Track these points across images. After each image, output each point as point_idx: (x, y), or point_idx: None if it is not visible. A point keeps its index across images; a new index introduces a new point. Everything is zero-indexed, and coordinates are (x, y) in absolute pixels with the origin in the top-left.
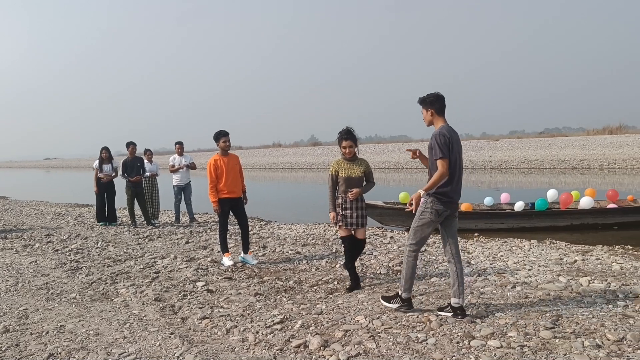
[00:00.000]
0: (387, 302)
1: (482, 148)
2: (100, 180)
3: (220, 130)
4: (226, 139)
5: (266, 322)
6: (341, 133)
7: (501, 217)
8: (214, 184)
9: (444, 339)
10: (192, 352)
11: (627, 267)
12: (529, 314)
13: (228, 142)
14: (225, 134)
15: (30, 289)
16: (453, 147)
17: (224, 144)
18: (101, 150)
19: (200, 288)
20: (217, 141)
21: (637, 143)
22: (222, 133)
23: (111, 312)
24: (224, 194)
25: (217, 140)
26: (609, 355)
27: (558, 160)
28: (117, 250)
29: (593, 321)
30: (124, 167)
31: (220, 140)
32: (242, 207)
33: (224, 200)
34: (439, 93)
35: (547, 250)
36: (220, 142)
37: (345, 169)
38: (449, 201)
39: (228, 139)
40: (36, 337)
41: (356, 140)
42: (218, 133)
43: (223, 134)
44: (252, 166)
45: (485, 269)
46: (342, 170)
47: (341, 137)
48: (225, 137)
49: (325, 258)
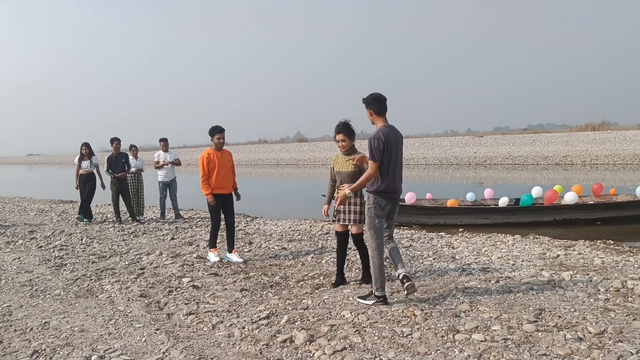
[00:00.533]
0: (363, 300)
1: (466, 144)
2: (81, 177)
3: (216, 126)
4: (221, 135)
5: (252, 317)
6: (337, 126)
7: (485, 213)
8: (205, 177)
9: (429, 333)
10: (178, 347)
11: (608, 261)
12: (513, 308)
13: (222, 139)
14: (221, 130)
15: (14, 286)
16: (390, 149)
17: (218, 140)
18: (81, 147)
19: (186, 284)
20: (212, 137)
21: (619, 139)
22: (217, 129)
23: (96, 309)
24: (214, 190)
25: (212, 135)
26: (591, 347)
27: (542, 156)
28: (101, 246)
29: (575, 314)
30: (108, 163)
31: (215, 136)
32: (232, 204)
33: (215, 195)
34: (377, 94)
35: (530, 245)
36: (214, 138)
37: (340, 163)
38: (389, 196)
39: (223, 136)
40: (20, 333)
41: (352, 133)
42: (213, 129)
43: (218, 130)
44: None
45: (470, 263)
46: (337, 165)
47: (335, 131)
48: (220, 134)
49: (311, 254)
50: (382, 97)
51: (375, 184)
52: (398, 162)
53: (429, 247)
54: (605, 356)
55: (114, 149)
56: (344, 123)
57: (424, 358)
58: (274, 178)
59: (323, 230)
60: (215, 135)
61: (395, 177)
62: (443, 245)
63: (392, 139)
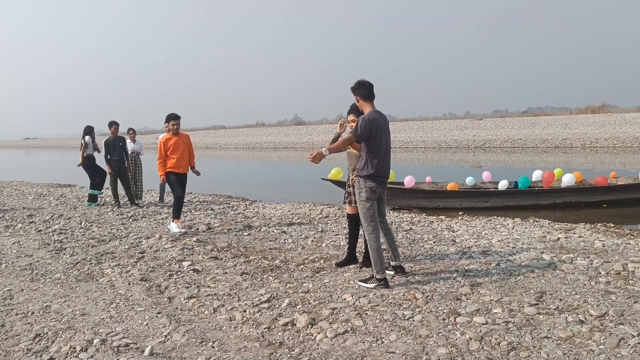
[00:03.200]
0: (364, 283)
1: (465, 127)
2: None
3: (170, 114)
4: (175, 122)
5: (253, 301)
6: (351, 107)
7: (485, 196)
8: (162, 159)
9: (430, 315)
10: (179, 331)
11: (609, 244)
12: (514, 291)
13: (177, 126)
14: (175, 117)
15: (14, 270)
16: (379, 131)
17: (172, 127)
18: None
19: (186, 268)
20: (167, 123)
21: (619, 122)
22: (171, 116)
23: (97, 292)
24: (170, 168)
25: (167, 122)
26: (592, 330)
27: (541, 139)
28: (101, 230)
29: (576, 297)
30: (106, 146)
31: (170, 123)
32: (185, 182)
33: (170, 172)
34: (363, 80)
35: (530, 228)
36: (169, 124)
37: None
38: (379, 179)
39: (177, 123)
40: (22, 317)
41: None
42: (168, 116)
43: (172, 117)
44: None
45: (470, 247)
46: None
47: (348, 111)
48: (175, 121)
49: (310, 237)
50: (367, 83)
51: (366, 168)
52: (388, 147)
53: (429, 230)
54: (606, 339)
55: (111, 132)
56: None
57: (425, 341)
58: (272, 161)
59: (322, 214)
60: (170, 122)
61: (385, 161)
62: (443, 228)
63: (381, 123)
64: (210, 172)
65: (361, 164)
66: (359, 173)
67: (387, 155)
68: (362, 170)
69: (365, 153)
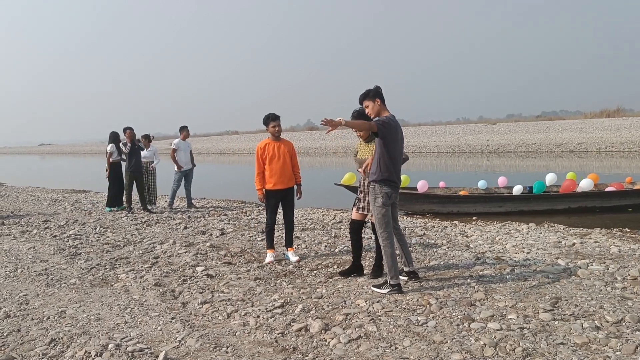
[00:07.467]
0: (378, 289)
1: (479, 132)
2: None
3: (269, 114)
4: (275, 123)
5: (267, 306)
6: (356, 111)
7: (499, 201)
8: (260, 171)
9: (444, 321)
10: (193, 336)
11: (625, 249)
12: (528, 297)
13: (278, 127)
14: (275, 118)
15: (30, 275)
16: (396, 137)
17: (273, 129)
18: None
19: (200, 273)
20: (267, 126)
21: (634, 126)
22: (270, 117)
23: (111, 298)
24: (270, 185)
25: (266, 124)
26: (608, 336)
27: (555, 143)
28: (115, 235)
29: (592, 303)
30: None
31: (270, 125)
32: (292, 199)
33: (271, 192)
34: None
35: (545, 233)
36: (269, 126)
37: (361, 150)
38: (394, 185)
39: (278, 124)
40: (37, 322)
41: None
42: (267, 117)
43: (272, 118)
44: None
45: (484, 252)
46: (359, 152)
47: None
48: (275, 122)
49: (324, 242)
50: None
51: (380, 173)
52: (401, 153)
53: (442, 235)
54: (622, 345)
55: (127, 137)
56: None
57: (439, 347)
58: None
59: (336, 219)
60: (269, 124)
61: (398, 166)
62: (457, 233)
63: (398, 129)
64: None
65: (375, 169)
66: (373, 178)
67: (399, 161)
68: (377, 175)
69: (379, 157)
